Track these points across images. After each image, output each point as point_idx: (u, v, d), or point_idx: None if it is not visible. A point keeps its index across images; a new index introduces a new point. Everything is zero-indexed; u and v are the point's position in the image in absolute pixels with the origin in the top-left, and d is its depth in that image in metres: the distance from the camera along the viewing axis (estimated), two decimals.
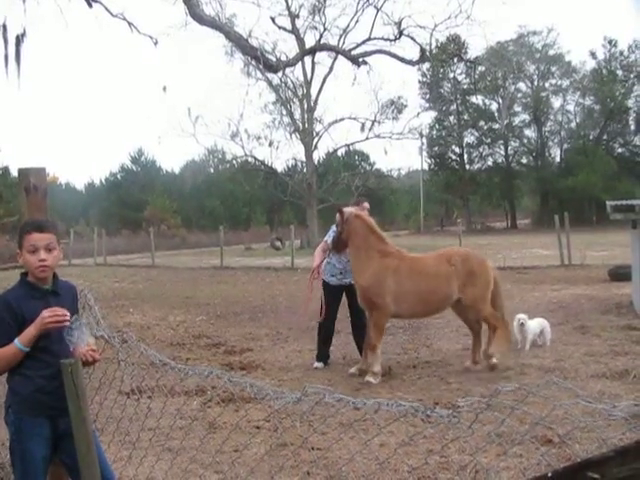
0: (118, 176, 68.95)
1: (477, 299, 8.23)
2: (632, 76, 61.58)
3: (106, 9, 18.76)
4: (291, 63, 32.26)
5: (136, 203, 58.75)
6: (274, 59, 32.58)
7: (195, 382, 7.26)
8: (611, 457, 1.64)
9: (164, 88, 31.58)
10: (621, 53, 62.22)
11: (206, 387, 7.32)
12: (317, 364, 9.02)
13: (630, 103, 62.88)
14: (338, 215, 8.54)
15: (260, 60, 23.14)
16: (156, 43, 20.49)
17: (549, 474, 1.80)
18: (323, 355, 9.12)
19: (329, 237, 9.03)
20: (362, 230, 8.30)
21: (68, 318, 3.36)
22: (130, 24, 19.67)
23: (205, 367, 3.33)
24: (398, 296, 8.06)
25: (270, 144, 44.92)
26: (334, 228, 9.00)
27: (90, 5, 18.00)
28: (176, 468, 4.81)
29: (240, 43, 22.82)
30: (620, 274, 16.02)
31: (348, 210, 8.54)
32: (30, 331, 3.32)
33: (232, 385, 3.14)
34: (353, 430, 5.44)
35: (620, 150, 64.97)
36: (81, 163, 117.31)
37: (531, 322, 9.46)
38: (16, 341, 3.33)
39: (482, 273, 8.25)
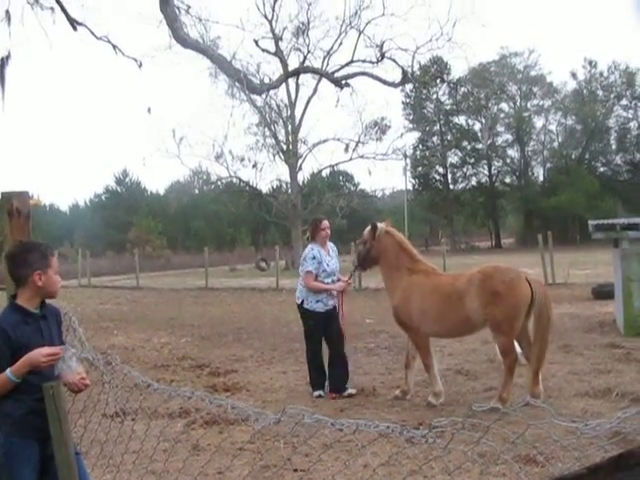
0: (103, 197, 68.84)
1: (499, 323, 7.34)
2: (612, 96, 62.32)
3: (90, 32, 18.84)
4: (274, 85, 32.41)
5: (121, 224, 58.63)
6: (257, 81, 32.74)
7: (179, 404, 7.25)
8: (583, 474, 1.67)
9: (149, 110, 31.59)
10: (601, 74, 62.97)
11: (190, 409, 7.31)
12: (316, 393, 8.45)
13: (611, 123, 63.64)
14: (370, 230, 8.25)
15: (243, 82, 23.24)
16: (140, 65, 20.56)
17: None
18: (317, 383, 8.56)
19: (309, 265, 8.58)
20: (393, 247, 8.08)
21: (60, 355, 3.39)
22: (115, 47, 19.74)
23: (188, 389, 3.34)
24: (422, 314, 7.74)
25: (254, 166, 44.98)
26: (309, 253, 8.70)
27: (75, 28, 18.06)
28: None
29: (223, 65, 22.94)
30: (603, 292, 16.12)
31: (380, 225, 8.28)
32: (24, 366, 3.34)
33: (214, 406, 3.16)
34: (336, 451, 5.45)
35: (602, 169, 65.59)
36: (66, 184, 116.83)
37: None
38: (8, 372, 3.33)
39: (509, 294, 7.26)
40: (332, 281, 8.64)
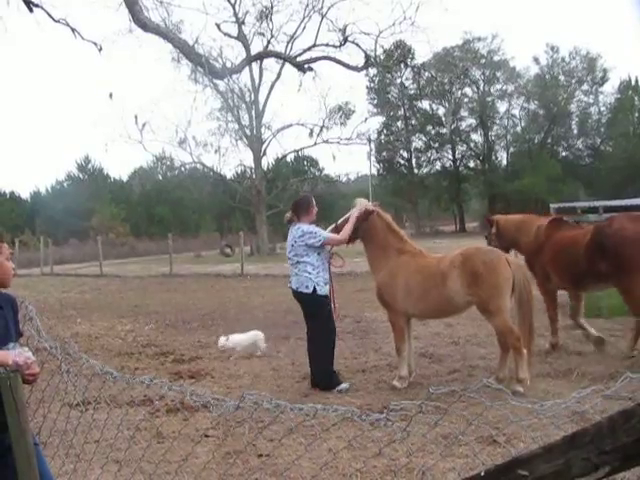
0: (64, 184, 67.98)
1: (484, 304, 7.39)
2: (573, 81, 63.05)
3: (48, 14, 18.45)
4: (237, 70, 32.19)
5: (83, 211, 57.82)
6: (220, 66, 32.48)
7: (141, 392, 7.19)
8: (539, 454, 1.69)
9: (110, 95, 31.19)
10: (563, 59, 63.64)
11: (153, 397, 7.26)
12: (344, 385, 7.95)
13: (572, 108, 64.38)
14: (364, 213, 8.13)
15: (205, 67, 23.04)
16: (100, 49, 20.23)
17: (482, 473, 1.85)
18: (336, 377, 8.13)
19: (324, 232, 8.18)
20: (382, 228, 8.09)
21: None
22: (73, 30, 19.38)
23: (147, 377, 3.31)
24: (406, 294, 7.75)
25: (216, 151, 44.80)
26: (309, 227, 8.08)
27: (31, 10, 17.68)
28: (122, 479, 4.76)
29: (185, 50, 22.70)
30: None
31: (365, 203, 8.32)
32: None
33: (177, 394, 3.13)
34: (301, 436, 5.45)
35: (564, 153, 66.39)
36: (26, 172, 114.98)
37: (240, 336, 10.18)
38: None
39: (489, 274, 7.29)
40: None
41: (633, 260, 7.91)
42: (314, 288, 7.99)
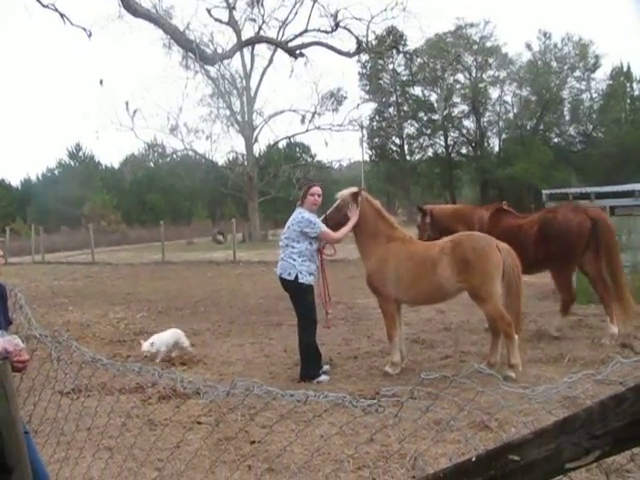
0: (56, 172, 67.69)
1: (475, 290, 7.40)
2: (566, 68, 62.90)
3: None
4: (228, 55, 32.05)
5: (75, 199, 57.58)
6: (211, 51, 32.31)
7: (134, 379, 7.18)
8: (530, 439, 1.68)
9: (101, 81, 31.05)
10: (555, 45, 63.44)
11: (145, 384, 7.24)
12: (323, 377, 7.83)
13: (565, 94, 64.30)
14: (350, 196, 8.12)
15: (196, 52, 22.91)
16: (90, 35, 20.06)
17: (473, 458, 1.84)
18: (316, 368, 7.94)
19: (321, 225, 8.00)
20: (372, 214, 8.05)
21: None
22: (62, 15, 19.22)
23: (138, 364, 3.29)
24: (396, 280, 7.73)
25: (207, 138, 44.72)
26: (309, 216, 7.95)
27: None
28: (115, 466, 4.75)
29: (175, 36, 22.57)
30: None
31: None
32: None
33: (166, 380, 3.12)
34: (293, 422, 5.46)
35: (556, 140, 66.27)
36: (16, 159, 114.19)
37: (162, 336, 9.28)
38: None
39: (479, 260, 7.29)
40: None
41: (575, 247, 8.88)
42: (296, 276, 7.89)
